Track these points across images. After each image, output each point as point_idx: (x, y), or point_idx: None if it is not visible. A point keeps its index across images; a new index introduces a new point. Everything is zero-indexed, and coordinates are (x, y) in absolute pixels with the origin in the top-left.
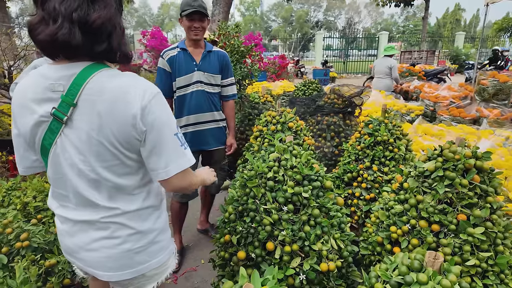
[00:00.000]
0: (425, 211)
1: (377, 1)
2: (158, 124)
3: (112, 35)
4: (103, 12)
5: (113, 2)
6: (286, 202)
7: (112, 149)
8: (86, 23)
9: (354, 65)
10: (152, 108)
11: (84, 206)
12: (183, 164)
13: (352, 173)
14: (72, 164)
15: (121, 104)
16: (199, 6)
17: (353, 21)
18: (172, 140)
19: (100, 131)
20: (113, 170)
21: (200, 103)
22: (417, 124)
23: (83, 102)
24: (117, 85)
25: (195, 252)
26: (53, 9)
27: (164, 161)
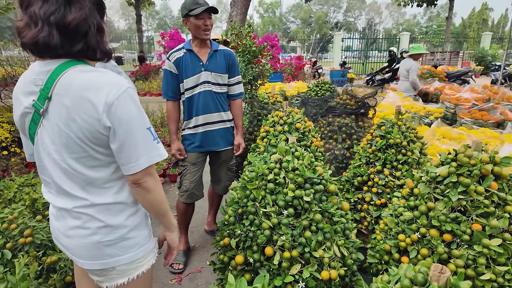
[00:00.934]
0: (437, 219)
1: (399, 1)
2: (127, 119)
3: (87, 34)
4: (78, 14)
5: (88, 3)
6: (286, 206)
7: (79, 142)
8: (63, 25)
9: (374, 66)
10: (119, 104)
11: (61, 194)
12: (154, 157)
13: (362, 177)
14: (48, 153)
15: (86, 99)
16: (206, 4)
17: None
18: (143, 134)
19: (67, 124)
20: (82, 162)
21: (208, 104)
22: (435, 126)
23: (55, 96)
24: (84, 80)
25: (201, 253)
26: (34, 14)
27: (136, 155)
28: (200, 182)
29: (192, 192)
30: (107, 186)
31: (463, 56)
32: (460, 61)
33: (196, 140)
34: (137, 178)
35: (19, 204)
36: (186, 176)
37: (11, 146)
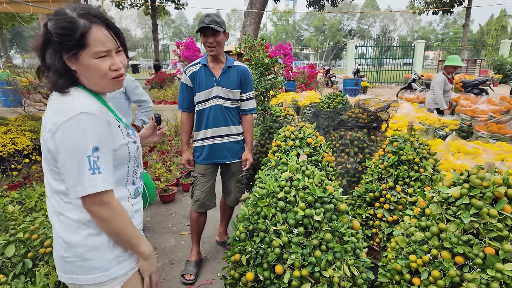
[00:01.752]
0: (448, 241)
1: (414, 10)
2: (66, 144)
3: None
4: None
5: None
6: (296, 225)
7: (46, 154)
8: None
9: (388, 74)
10: (64, 128)
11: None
12: (87, 189)
13: (374, 193)
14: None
15: (48, 119)
16: (211, 21)
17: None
18: (80, 163)
19: (43, 138)
20: (50, 172)
21: (218, 117)
22: (450, 140)
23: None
24: (57, 103)
25: (212, 264)
26: None
27: (72, 182)
28: (211, 192)
29: (203, 202)
30: (66, 201)
31: (481, 64)
32: (478, 69)
33: (204, 152)
34: (85, 206)
35: (39, 213)
36: (196, 186)
37: (32, 154)
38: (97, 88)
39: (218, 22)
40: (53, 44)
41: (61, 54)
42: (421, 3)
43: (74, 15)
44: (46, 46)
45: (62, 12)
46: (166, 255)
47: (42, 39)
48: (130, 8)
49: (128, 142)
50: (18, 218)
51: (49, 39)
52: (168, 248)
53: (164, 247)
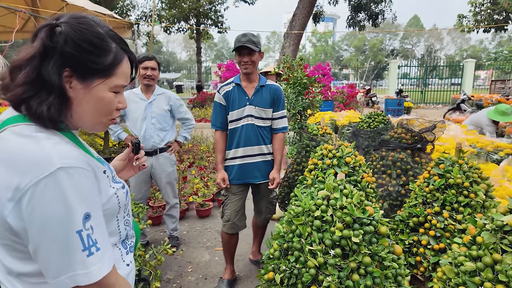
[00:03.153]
0: (504, 274)
1: (462, 28)
2: (42, 217)
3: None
4: (19, 56)
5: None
6: (333, 245)
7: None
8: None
9: (434, 95)
10: (35, 194)
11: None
12: (79, 277)
13: (418, 218)
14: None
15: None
16: (248, 41)
17: (434, 48)
18: (66, 242)
19: None
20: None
21: (249, 136)
22: (506, 165)
23: None
24: (6, 150)
25: (245, 283)
26: None
27: (54, 269)
28: (242, 212)
29: (234, 222)
30: (39, 281)
31: None
32: None
33: (234, 172)
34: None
35: None
36: (227, 205)
37: None
38: (86, 125)
39: (254, 42)
40: (62, 55)
41: (63, 70)
42: (470, 21)
43: (103, 32)
44: (47, 54)
45: (88, 22)
46: (200, 270)
47: (45, 41)
48: (177, 32)
49: (116, 189)
50: None
51: (59, 47)
52: (203, 263)
53: (199, 261)
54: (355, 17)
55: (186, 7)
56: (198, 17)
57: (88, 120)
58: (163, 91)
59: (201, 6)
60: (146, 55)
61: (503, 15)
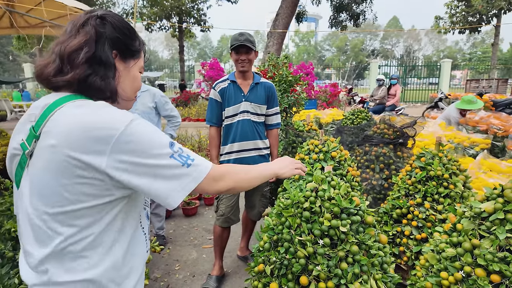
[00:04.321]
0: (483, 258)
1: (439, 29)
2: (141, 157)
3: (79, 65)
4: (74, 41)
5: (91, 33)
6: (322, 235)
7: (62, 191)
8: (62, 53)
9: (413, 94)
10: (127, 143)
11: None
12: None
13: (401, 209)
14: (24, 208)
15: (80, 139)
16: (245, 40)
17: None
18: (169, 166)
19: (51, 168)
20: (61, 218)
21: (245, 132)
22: (481, 158)
23: (44, 134)
24: (79, 116)
25: (233, 279)
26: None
27: (163, 192)
28: (236, 207)
29: (228, 216)
30: (83, 255)
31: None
32: (509, 88)
33: None
34: (206, 190)
35: None
36: (222, 201)
37: None
38: (125, 98)
39: (251, 41)
40: (112, 39)
41: (114, 52)
42: (446, 23)
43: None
44: (99, 38)
45: (119, 15)
46: (188, 268)
47: (97, 28)
48: (159, 30)
49: None
50: None
51: (108, 32)
52: (190, 260)
53: (186, 259)
54: (337, 17)
55: (168, 5)
56: (181, 15)
57: (127, 95)
58: (147, 88)
59: (183, 4)
60: None
61: (477, 17)
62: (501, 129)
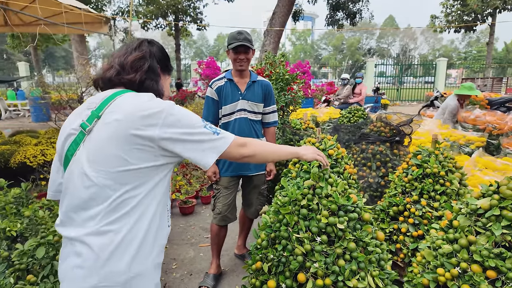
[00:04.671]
0: (479, 254)
1: (435, 28)
2: (182, 127)
3: (138, 69)
4: (135, 55)
5: (147, 52)
6: (319, 233)
7: (122, 155)
8: (123, 63)
9: (409, 92)
10: (171, 116)
11: (75, 221)
12: (220, 146)
13: (398, 207)
14: (81, 172)
15: (138, 115)
16: (244, 39)
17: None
18: (202, 134)
19: (113, 137)
20: (116, 177)
21: (243, 130)
22: (477, 156)
23: (106, 114)
24: (139, 100)
25: (230, 278)
26: (111, 60)
27: (200, 155)
28: (233, 205)
29: (225, 215)
30: (129, 212)
31: (507, 82)
32: (504, 87)
33: (227, 165)
34: (231, 155)
35: None
36: (219, 199)
37: None
38: (163, 97)
39: (249, 40)
40: (158, 57)
41: (158, 66)
42: (442, 22)
43: None
44: (150, 56)
45: (160, 44)
46: (185, 267)
47: (150, 48)
48: (155, 29)
49: None
50: (48, 223)
51: (155, 52)
52: (187, 259)
53: (183, 258)
54: (333, 16)
55: (164, 3)
56: (177, 13)
57: (165, 95)
58: None
59: (180, 2)
60: None
61: (472, 16)
62: (496, 127)
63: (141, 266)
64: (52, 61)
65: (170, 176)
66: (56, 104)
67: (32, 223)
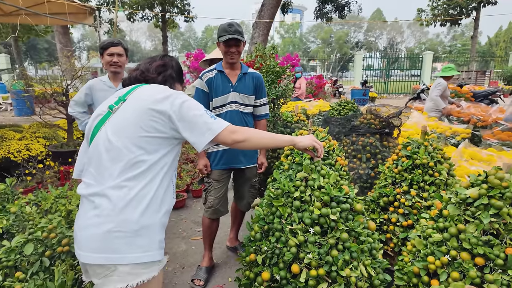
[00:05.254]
0: (468, 242)
1: (421, 22)
2: (187, 106)
3: (161, 73)
4: (158, 63)
5: (170, 65)
6: (312, 224)
7: (143, 126)
8: (147, 68)
9: (396, 86)
10: (179, 98)
11: (98, 179)
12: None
13: (388, 197)
14: (105, 139)
15: (154, 96)
16: (235, 31)
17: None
18: (203, 116)
19: (137, 111)
20: (137, 142)
21: (234, 122)
22: (463, 147)
23: (131, 97)
24: (158, 87)
25: (223, 270)
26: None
27: (198, 133)
28: (224, 198)
29: (217, 208)
30: (144, 173)
31: (490, 75)
32: (487, 80)
33: (218, 157)
34: (223, 140)
35: (55, 215)
36: (211, 192)
37: (46, 160)
38: None
39: (240, 32)
40: (175, 70)
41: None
42: (428, 15)
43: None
44: (168, 67)
45: (176, 58)
46: (177, 260)
47: (170, 61)
48: (141, 20)
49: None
50: (35, 219)
51: (174, 65)
52: (179, 253)
53: (175, 251)
54: (322, 9)
55: None
56: (164, 4)
57: None
58: None
59: None
60: (111, 40)
61: (457, 10)
62: (480, 119)
63: (150, 219)
64: (34, 53)
65: (176, 154)
66: (40, 98)
67: (19, 219)
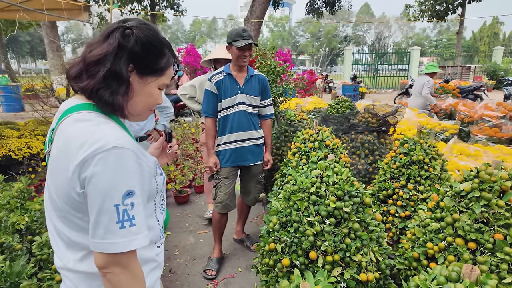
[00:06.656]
0: (462, 229)
1: (409, 17)
2: (94, 187)
3: (93, 76)
4: (94, 52)
5: (114, 46)
6: (328, 216)
7: (57, 200)
8: (85, 61)
9: (384, 80)
10: (92, 164)
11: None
12: (109, 246)
13: (387, 191)
14: (46, 204)
15: (65, 153)
16: (249, 36)
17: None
18: (107, 212)
19: (52, 176)
20: (63, 221)
21: (242, 122)
22: (452, 143)
23: (54, 139)
24: (71, 130)
25: (232, 261)
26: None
27: (95, 232)
28: (233, 194)
29: (226, 203)
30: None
31: (475, 70)
32: (472, 75)
33: (227, 156)
34: (100, 264)
35: None
36: (220, 188)
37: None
38: (134, 114)
39: (252, 37)
40: (132, 53)
41: (130, 66)
42: (416, 11)
43: (163, 39)
44: (120, 51)
45: (154, 29)
46: (188, 252)
47: (120, 41)
48: (130, 14)
49: (156, 174)
50: None
51: (130, 46)
52: (189, 245)
53: (185, 244)
54: (313, 4)
55: None
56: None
57: (138, 110)
58: None
59: None
60: None
61: (444, 6)
62: (467, 115)
63: None
64: (15, 46)
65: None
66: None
67: (43, 216)
